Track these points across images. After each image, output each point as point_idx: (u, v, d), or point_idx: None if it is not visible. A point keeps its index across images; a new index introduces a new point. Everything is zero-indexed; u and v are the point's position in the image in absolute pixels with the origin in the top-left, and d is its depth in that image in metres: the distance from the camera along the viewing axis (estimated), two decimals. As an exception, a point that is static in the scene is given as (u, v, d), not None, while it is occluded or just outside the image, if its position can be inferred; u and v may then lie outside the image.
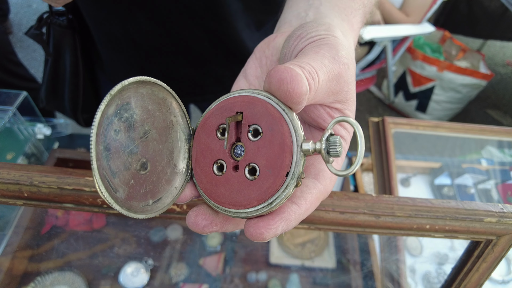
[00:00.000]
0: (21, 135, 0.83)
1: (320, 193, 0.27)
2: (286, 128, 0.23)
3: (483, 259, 0.36)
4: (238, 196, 0.24)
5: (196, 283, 0.75)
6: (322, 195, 0.27)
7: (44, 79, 0.84)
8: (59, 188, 0.32)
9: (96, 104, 0.91)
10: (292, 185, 0.23)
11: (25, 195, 0.32)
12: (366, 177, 0.98)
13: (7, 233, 0.77)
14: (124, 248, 0.79)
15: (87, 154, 0.87)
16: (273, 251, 0.81)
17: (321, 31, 0.29)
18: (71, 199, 0.32)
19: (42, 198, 0.32)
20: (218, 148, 0.25)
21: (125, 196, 0.24)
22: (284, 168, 0.23)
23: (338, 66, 0.26)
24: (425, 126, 0.84)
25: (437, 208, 0.34)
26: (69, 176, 0.32)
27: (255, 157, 0.24)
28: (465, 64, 2.35)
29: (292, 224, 0.25)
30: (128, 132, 0.24)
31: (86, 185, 0.32)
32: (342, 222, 0.32)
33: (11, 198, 0.33)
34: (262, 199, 0.23)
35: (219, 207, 0.25)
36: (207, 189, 0.25)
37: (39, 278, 0.74)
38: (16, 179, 0.32)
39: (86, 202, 0.32)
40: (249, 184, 0.23)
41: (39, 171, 0.32)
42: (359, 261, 0.80)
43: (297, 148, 0.23)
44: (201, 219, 0.25)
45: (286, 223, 0.24)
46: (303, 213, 0.25)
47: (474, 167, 1.03)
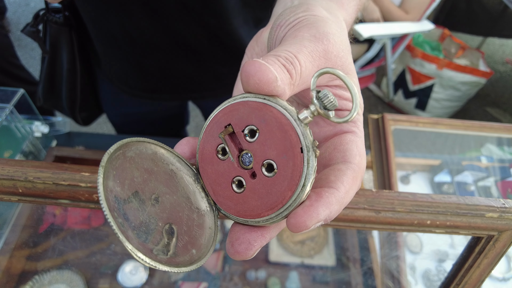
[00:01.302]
0: (18, 133, 0.83)
1: (355, 172, 0.25)
2: (275, 111, 0.22)
3: (484, 255, 0.36)
4: (270, 197, 0.23)
5: (195, 282, 0.75)
6: (358, 174, 0.25)
7: (41, 77, 0.83)
8: (55, 184, 0.31)
9: (94, 102, 0.91)
10: (312, 157, 0.22)
11: (20, 191, 0.32)
12: (365, 174, 0.97)
13: (4, 231, 0.77)
14: (122, 247, 0.78)
15: (85, 152, 0.87)
16: (273, 249, 0.80)
17: (299, 13, 0.28)
18: (66, 195, 0.32)
19: (37, 194, 0.32)
20: (227, 168, 0.24)
21: (167, 256, 0.23)
22: (296, 145, 0.22)
23: (321, 43, 0.25)
24: (425, 123, 0.83)
25: (438, 203, 0.33)
26: (65, 171, 0.32)
27: (264, 154, 0.23)
28: (465, 62, 2.35)
29: (335, 208, 0.23)
30: (138, 196, 0.24)
31: (81, 180, 0.31)
32: (342, 217, 0.32)
33: (6, 194, 0.32)
34: (292, 186, 0.22)
35: (260, 221, 0.24)
36: (240, 212, 0.24)
37: (37, 277, 0.73)
38: (11, 175, 0.31)
39: (82, 198, 0.32)
40: (273, 181, 0.23)
41: (34, 167, 0.32)
42: (359, 258, 0.79)
43: (295, 122, 0.22)
44: (238, 244, 0.24)
45: (327, 207, 0.22)
46: (343, 196, 0.23)
47: (474, 165, 1.03)
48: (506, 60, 3.12)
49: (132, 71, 0.75)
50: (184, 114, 1.03)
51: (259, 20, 0.71)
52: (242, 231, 0.24)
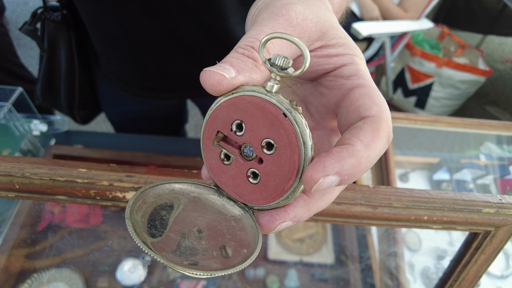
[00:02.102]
0: (16, 131, 0.83)
1: (375, 124, 0.22)
2: (246, 97, 0.23)
3: (481, 251, 0.36)
4: (283, 169, 0.23)
5: (193, 280, 0.75)
6: (380, 124, 0.23)
7: (40, 75, 0.83)
8: (51, 180, 0.31)
9: (92, 101, 0.91)
10: (297, 115, 0.22)
11: (17, 187, 0.32)
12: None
13: (3, 230, 0.77)
14: (121, 245, 0.79)
15: (83, 151, 0.87)
16: (272, 246, 0.80)
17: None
18: (63, 191, 0.32)
19: (34, 190, 0.32)
20: (237, 168, 0.26)
21: (220, 264, 0.24)
22: (277, 114, 0.22)
23: (281, 16, 0.26)
24: (424, 121, 0.83)
25: (435, 199, 0.33)
26: (61, 167, 0.32)
27: (258, 137, 0.24)
28: (464, 61, 2.35)
29: (349, 162, 0.20)
30: (174, 230, 0.26)
31: (78, 176, 0.31)
32: (339, 213, 0.32)
33: (3, 190, 0.32)
34: (295, 148, 0.22)
35: (287, 196, 0.24)
36: (268, 198, 0.25)
37: (36, 275, 0.73)
38: (8, 171, 0.31)
39: (79, 194, 0.32)
40: (278, 154, 0.23)
41: (31, 163, 0.32)
42: (358, 256, 0.79)
43: (266, 96, 0.23)
44: (262, 217, 0.25)
45: (336, 160, 0.20)
46: (360, 149, 0.21)
47: (473, 162, 1.03)
48: (505, 59, 3.12)
49: (130, 69, 0.75)
50: (183, 113, 1.03)
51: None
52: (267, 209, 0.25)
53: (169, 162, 0.85)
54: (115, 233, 0.80)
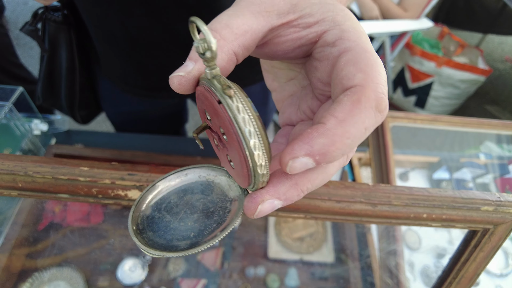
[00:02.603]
0: (17, 131, 0.83)
1: (356, 94, 0.20)
2: (198, 87, 0.24)
3: (480, 249, 0.36)
4: (238, 156, 0.23)
5: (194, 279, 0.75)
6: (362, 94, 0.20)
7: (40, 75, 0.83)
8: (54, 178, 0.32)
9: (93, 101, 0.91)
10: (228, 99, 0.21)
11: (20, 186, 0.32)
12: (364, 171, 0.97)
13: (4, 229, 0.77)
14: (122, 244, 0.79)
15: (84, 150, 0.87)
16: (272, 245, 0.81)
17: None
18: (65, 189, 0.32)
19: (36, 189, 0.32)
20: (222, 153, 0.26)
21: (188, 245, 0.25)
22: (213, 101, 0.22)
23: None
24: (423, 120, 0.83)
25: (434, 197, 0.34)
26: (64, 166, 0.32)
27: (216, 125, 0.24)
28: (464, 60, 2.35)
29: (319, 142, 0.20)
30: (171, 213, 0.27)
31: (81, 175, 0.31)
32: (339, 211, 0.32)
33: (6, 188, 0.32)
34: (236, 132, 0.21)
35: (260, 175, 0.24)
36: (247, 182, 0.25)
37: (37, 274, 0.74)
38: (11, 169, 0.31)
39: (81, 192, 0.32)
40: (229, 141, 0.23)
41: (33, 161, 0.32)
42: (358, 255, 0.80)
43: (203, 82, 0.23)
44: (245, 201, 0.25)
45: (305, 142, 0.20)
46: (333, 126, 0.20)
47: (472, 161, 1.03)
48: (505, 58, 3.13)
49: (131, 69, 0.75)
50: (183, 112, 1.04)
51: None
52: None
53: (170, 161, 0.85)
54: (116, 232, 0.80)
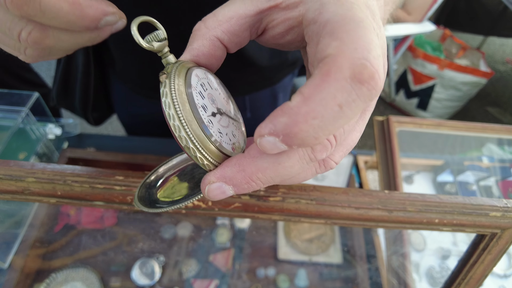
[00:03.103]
0: (33, 135, 0.85)
1: (326, 65, 0.18)
2: None
3: (488, 251, 0.38)
4: None
5: (206, 279, 0.77)
6: (333, 64, 0.17)
7: (56, 78, 0.85)
8: (91, 187, 0.34)
9: (105, 103, 0.93)
10: (165, 80, 0.24)
11: (59, 194, 0.34)
12: (370, 174, 1.00)
13: (21, 231, 0.79)
14: (135, 245, 0.81)
15: (97, 154, 0.89)
16: (281, 247, 0.83)
17: None
18: (101, 197, 0.34)
19: (74, 197, 0.34)
20: None
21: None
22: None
23: None
24: (428, 125, 0.86)
25: (446, 203, 0.36)
26: (100, 176, 0.34)
27: None
28: (466, 62, 2.37)
29: (282, 121, 0.19)
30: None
31: (116, 184, 0.34)
32: (357, 217, 0.34)
33: (45, 196, 0.35)
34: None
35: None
36: None
37: (53, 275, 0.76)
38: (51, 178, 0.34)
39: (116, 200, 0.34)
40: None
41: (72, 171, 0.34)
42: (365, 256, 0.82)
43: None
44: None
45: (271, 120, 0.19)
46: (298, 104, 0.18)
47: (475, 165, 1.05)
48: (506, 60, 3.15)
49: (147, 73, 0.77)
50: None
51: None
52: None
53: (181, 165, 0.87)
54: (129, 235, 0.82)
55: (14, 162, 0.35)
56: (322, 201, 0.34)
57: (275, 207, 0.34)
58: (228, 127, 0.27)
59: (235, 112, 0.30)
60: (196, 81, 0.26)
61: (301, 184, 0.35)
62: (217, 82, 0.29)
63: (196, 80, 0.26)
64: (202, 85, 0.26)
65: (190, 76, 0.25)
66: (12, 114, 0.79)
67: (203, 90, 0.26)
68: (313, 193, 0.34)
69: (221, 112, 0.27)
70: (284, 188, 0.34)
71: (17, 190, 0.34)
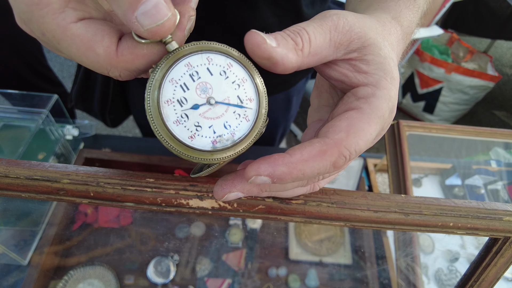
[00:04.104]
0: (52, 136, 0.87)
1: (325, 146, 0.25)
2: None
3: (501, 255, 0.40)
4: None
5: (219, 278, 0.79)
6: (330, 149, 0.25)
7: (77, 80, 0.88)
8: (123, 189, 0.36)
9: (122, 105, 0.95)
10: (150, 73, 0.26)
11: (91, 195, 0.36)
12: (379, 177, 1.01)
13: (40, 229, 0.82)
14: (150, 244, 0.83)
15: (113, 154, 0.91)
16: (292, 247, 0.84)
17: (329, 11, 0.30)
18: (132, 198, 0.36)
19: (106, 198, 0.36)
20: None
21: None
22: None
23: (330, 20, 0.27)
24: (438, 129, 0.87)
25: (460, 207, 0.37)
26: (131, 178, 0.36)
27: None
28: (473, 66, 2.38)
29: (280, 170, 0.24)
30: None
31: (147, 186, 0.36)
32: (376, 220, 0.36)
33: (78, 197, 0.37)
34: None
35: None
36: None
37: (72, 272, 0.78)
38: (84, 180, 0.36)
39: (147, 201, 0.36)
40: None
41: (104, 173, 0.36)
42: (375, 257, 0.83)
43: None
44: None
45: (272, 166, 0.24)
46: (296, 162, 0.24)
47: (484, 168, 1.06)
48: (514, 63, 3.14)
49: None
50: None
51: None
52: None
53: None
54: (145, 234, 0.84)
55: (50, 164, 0.37)
56: (342, 204, 0.35)
57: (297, 210, 0.36)
58: (221, 118, 0.27)
59: (247, 98, 0.28)
60: (184, 71, 0.26)
61: (323, 188, 0.37)
62: (230, 66, 0.28)
63: (185, 70, 0.26)
64: (191, 75, 0.26)
65: (176, 67, 0.26)
66: (33, 115, 0.81)
67: (191, 81, 0.26)
68: (334, 196, 0.36)
69: (211, 103, 0.27)
70: (306, 192, 0.36)
71: (53, 191, 0.36)
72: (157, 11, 0.22)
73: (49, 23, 0.24)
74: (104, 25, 0.25)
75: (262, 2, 0.64)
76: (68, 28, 0.24)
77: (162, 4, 0.22)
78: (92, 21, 0.25)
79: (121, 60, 0.25)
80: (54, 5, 0.23)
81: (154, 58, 0.26)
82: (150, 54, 0.26)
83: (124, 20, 0.23)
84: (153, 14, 0.22)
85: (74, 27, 0.24)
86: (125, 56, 0.25)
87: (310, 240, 0.86)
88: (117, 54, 0.25)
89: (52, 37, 0.24)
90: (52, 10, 0.23)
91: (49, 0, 0.23)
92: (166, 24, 0.23)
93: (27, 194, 0.35)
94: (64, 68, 2.70)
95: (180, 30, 0.26)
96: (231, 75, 0.28)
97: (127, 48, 0.25)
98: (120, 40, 0.26)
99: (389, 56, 0.29)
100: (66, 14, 0.24)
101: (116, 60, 0.25)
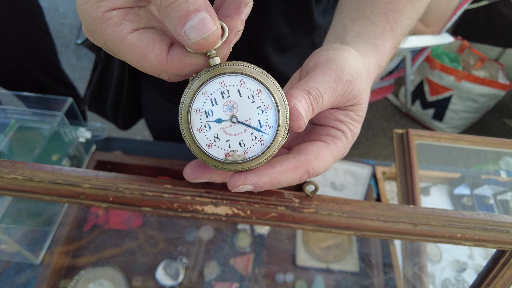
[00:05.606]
0: (66, 138, 0.89)
1: (299, 163, 0.31)
2: None
3: (508, 267, 0.40)
4: None
5: (227, 282, 0.80)
6: (302, 166, 0.31)
7: (91, 83, 0.90)
8: (141, 194, 0.37)
9: (134, 108, 0.97)
10: (186, 89, 0.30)
11: (111, 199, 0.37)
12: (388, 185, 1.01)
13: (52, 229, 0.83)
14: (159, 247, 0.84)
15: (125, 157, 0.93)
16: (299, 253, 0.85)
17: (330, 50, 0.36)
18: (150, 203, 0.37)
19: (124, 202, 0.38)
20: None
21: None
22: None
23: (342, 85, 0.33)
24: (447, 139, 0.87)
25: (468, 219, 0.38)
26: (149, 183, 0.37)
27: None
28: (484, 74, 2.36)
29: (264, 179, 0.30)
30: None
31: (165, 192, 0.37)
32: (385, 229, 0.37)
33: (98, 201, 0.38)
34: None
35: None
36: None
37: (82, 272, 0.80)
38: (104, 185, 0.37)
39: (164, 207, 0.37)
40: None
41: (123, 179, 0.38)
42: (382, 265, 0.84)
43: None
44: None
45: (257, 176, 0.30)
46: (277, 173, 0.30)
47: (493, 179, 1.06)
48: (525, 72, 3.11)
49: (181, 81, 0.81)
50: None
51: (289, 47, 0.76)
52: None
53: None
54: (154, 236, 0.86)
55: (71, 169, 0.38)
56: (353, 214, 0.36)
57: (309, 218, 0.37)
58: (238, 136, 0.30)
59: (267, 124, 0.30)
60: (217, 88, 0.30)
61: (333, 197, 0.38)
62: (259, 93, 0.30)
63: (218, 87, 0.30)
64: (222, 93, 0.30)
65: (211, 82, 0.29)
66: (49, 117, 0.83)
67: (220, 97, 0.30)
68: (345, 206, 0.37)
69: (233, 121, 0.30)
70: (317, 201, 0.37)
71: (74, 195, 0.38)
72: (203, 26, 0.25)
73: (109, 34, 0.27)
74: (156, 34, 0.28)
75: (274, 11, 0.65)
76: (125, 38, 0.27)
77: (208, 19, 0.25)
78: (145, 30, 0.28)
79: (171, 66, 0.28)
80: (114, 19, 0.26)
81: (199, 67, 0.29)
82: (196, 64, 0.28)
83: (175, 34, 0.26)
84: (199, 29, 0.25)
85: (130, 37, 0.27)
86: (174, 63, 0.28)
87: (317, 246, 0.87)
88: (167, 61, 0.28)
89: (112, 46, 0.27)
90: (112, 23, 0.26)
91: (110, 15, 0.26)
92: (211, 37, 0.26)
93: (49, 197, 0.37)
94: (75, 70, 2.74)
95: (226, 44, 0.29)
96: (257, 100, 0.30)
97: (177, 56, 0.28)
98: (171, 46, 0.28)
99: (367, 97, 0.37)
100: (124, 26, 0.27)
101: (166, 65, 0.28)
